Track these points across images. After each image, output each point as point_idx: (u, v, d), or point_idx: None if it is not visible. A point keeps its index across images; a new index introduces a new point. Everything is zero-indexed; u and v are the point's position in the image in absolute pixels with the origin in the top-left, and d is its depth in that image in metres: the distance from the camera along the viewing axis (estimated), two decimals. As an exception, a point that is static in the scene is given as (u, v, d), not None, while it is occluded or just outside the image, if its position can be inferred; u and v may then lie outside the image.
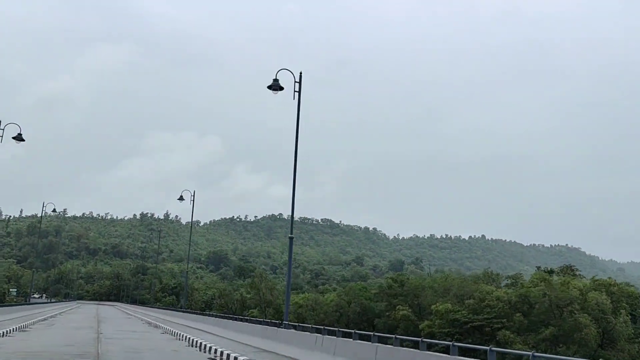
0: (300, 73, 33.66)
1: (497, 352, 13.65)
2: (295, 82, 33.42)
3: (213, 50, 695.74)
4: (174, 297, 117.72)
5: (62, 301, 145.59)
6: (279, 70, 33.15)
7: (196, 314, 51.16)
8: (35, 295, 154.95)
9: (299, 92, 33.47)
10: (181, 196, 52.83)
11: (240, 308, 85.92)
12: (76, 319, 58.33)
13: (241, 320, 35.85)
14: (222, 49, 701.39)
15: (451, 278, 67.70)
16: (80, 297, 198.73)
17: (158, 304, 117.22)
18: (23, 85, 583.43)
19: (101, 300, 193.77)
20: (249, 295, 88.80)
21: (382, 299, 66.06)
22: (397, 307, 60.42)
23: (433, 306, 53.96)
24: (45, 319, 51.21)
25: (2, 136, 39.60)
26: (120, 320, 57.92)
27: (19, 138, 43.93)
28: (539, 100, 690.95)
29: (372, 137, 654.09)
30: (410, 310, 59.12)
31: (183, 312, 58.59)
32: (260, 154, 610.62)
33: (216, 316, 42.73)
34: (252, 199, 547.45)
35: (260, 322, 34.75)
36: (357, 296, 66.23)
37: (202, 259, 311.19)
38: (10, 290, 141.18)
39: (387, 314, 61.99)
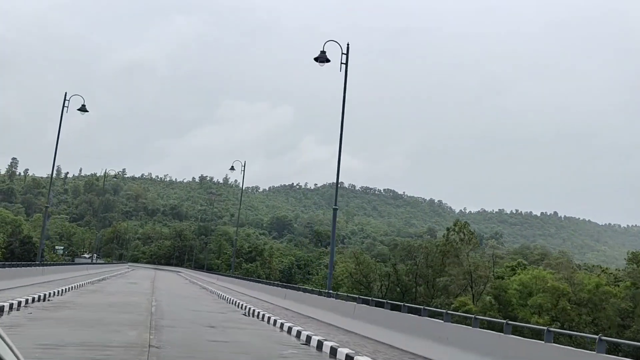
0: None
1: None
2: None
3: (277, 21, 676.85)
4: (256, 264, 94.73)
5: (112, 263, 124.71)
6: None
7: (362, 301, 21.91)
8: (85, 255, 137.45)
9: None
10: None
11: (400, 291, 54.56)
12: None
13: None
14: (285, 19, 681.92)
15: None
16: (135, 259, 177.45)
17: (230, 271, 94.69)
18: (103, 54, 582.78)
19: (159, 263, 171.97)
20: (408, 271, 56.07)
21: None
22: None
23: None
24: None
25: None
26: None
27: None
28: (612, 72, 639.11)
29: (438, 110, 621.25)
30: None
31: (313, 293, 30.56)
32: (330, 125, 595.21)
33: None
34: (316, 169, 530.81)
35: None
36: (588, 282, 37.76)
37: (264, 224, 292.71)
38: (57, 247, 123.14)
39: None
